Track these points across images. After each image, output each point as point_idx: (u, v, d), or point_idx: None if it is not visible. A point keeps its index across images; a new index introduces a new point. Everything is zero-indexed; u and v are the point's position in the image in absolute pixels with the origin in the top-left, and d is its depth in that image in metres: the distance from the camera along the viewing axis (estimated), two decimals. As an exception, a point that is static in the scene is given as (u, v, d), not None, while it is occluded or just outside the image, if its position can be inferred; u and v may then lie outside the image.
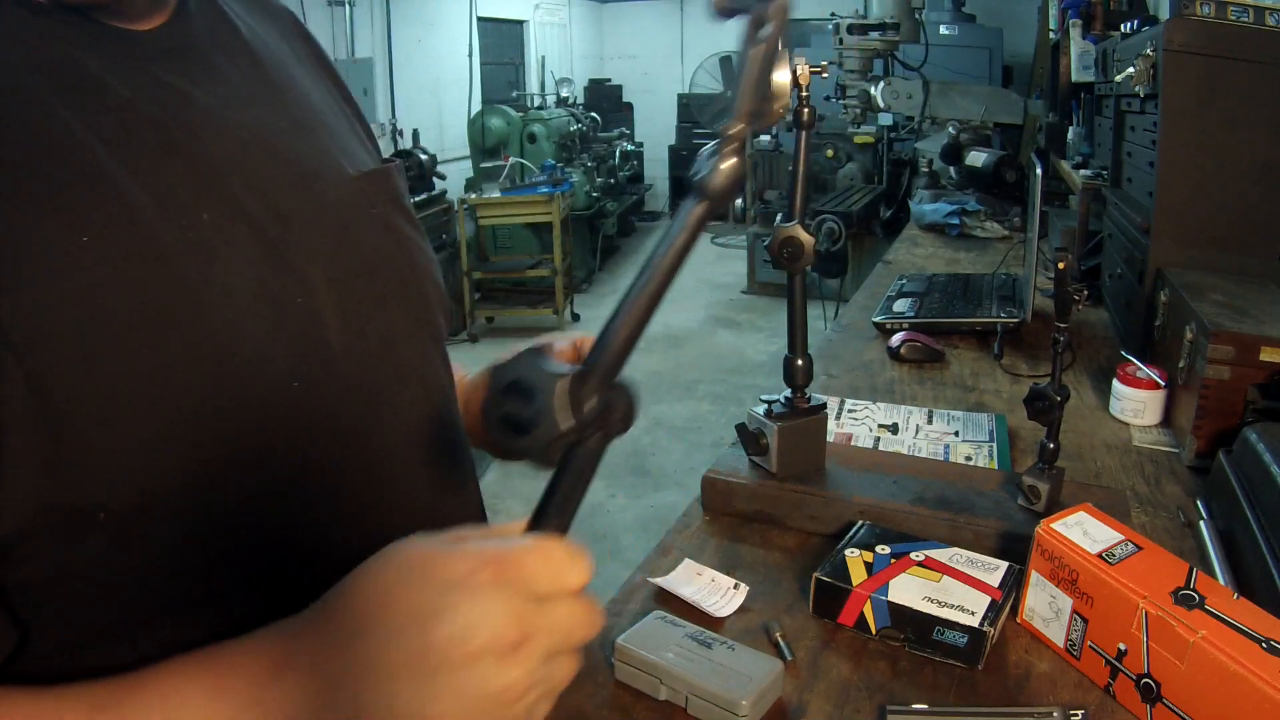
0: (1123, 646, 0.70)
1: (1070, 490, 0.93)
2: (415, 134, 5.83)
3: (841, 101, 3.05)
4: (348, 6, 5.77)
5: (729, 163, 0.42)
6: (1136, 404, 1.27)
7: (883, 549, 0.85)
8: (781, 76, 0.93)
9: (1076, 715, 0.69)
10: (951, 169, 3.26)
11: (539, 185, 5.61)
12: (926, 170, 3.64)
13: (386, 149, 5.87)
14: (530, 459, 0.40)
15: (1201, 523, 0.97)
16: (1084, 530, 0.77)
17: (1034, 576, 0.79)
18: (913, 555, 0.84)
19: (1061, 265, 0.88)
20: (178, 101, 0.50)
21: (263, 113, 0.56)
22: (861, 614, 0.80)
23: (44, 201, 0.42)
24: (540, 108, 7.06)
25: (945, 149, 3.21)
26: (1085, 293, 1.02)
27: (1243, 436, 0.98)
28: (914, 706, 0.70)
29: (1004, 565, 0.83)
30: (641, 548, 3.18)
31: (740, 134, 0.42)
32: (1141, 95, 1.47)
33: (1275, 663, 0.60)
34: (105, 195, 0.44)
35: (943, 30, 5.35)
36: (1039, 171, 1.65)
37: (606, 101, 8.83)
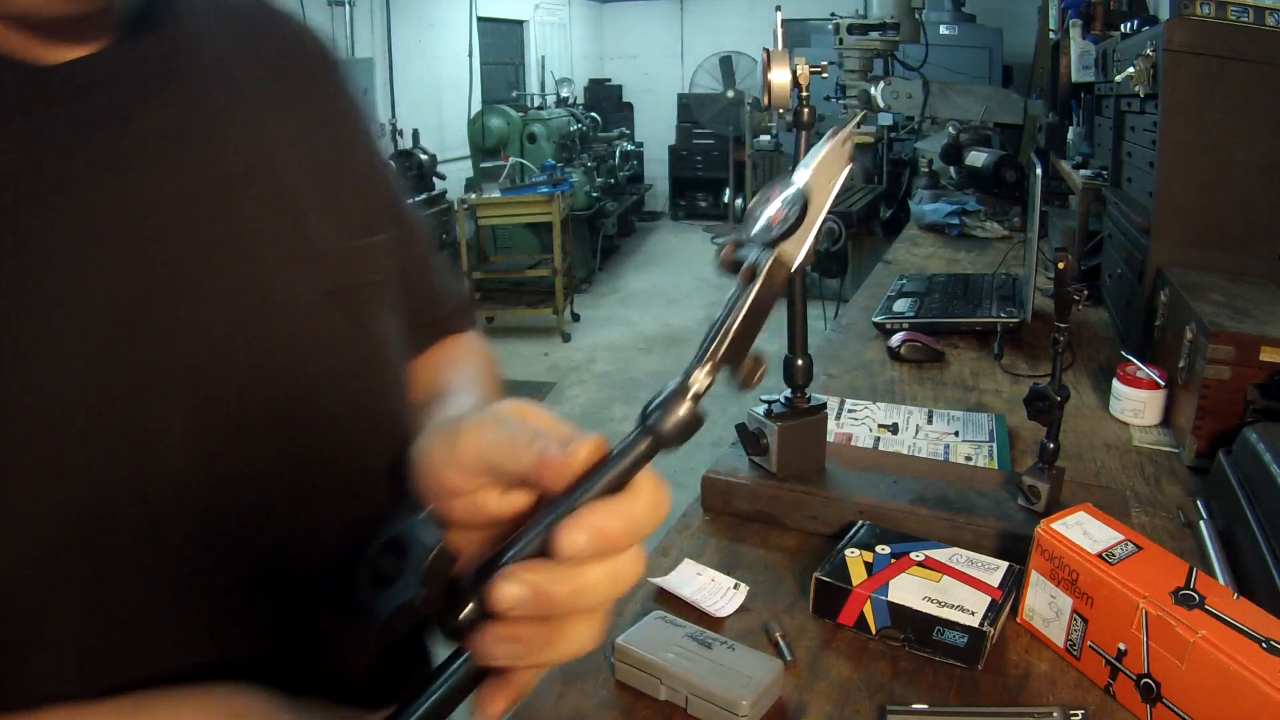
0: (1123, 646, 0.70)
1: (1070, 490, 0.93)
2: (415, 134, 5.83)
3: (841, 101, 3.05)
4: (348, 6, 5.77)
5: (682, 411, 0.37)
6: (1136, 404, 1.27)
7: (883, 549, 0.85)
8: (781, 77, 0.93)
9: (1076, 715, 0.69)
10: (951, 169, 3.26)
11: (539, 185, 5.61)
12: (926, 170, 3.64)
13: (386, 149, 5.85)
14: (376, 620, 0.37)
15: (1201, 523, 0.97)
16: (1084, 530, 0.77)
17: (1034, 576, 0.79)
18: (913, 555, 0.84)
19: (1061, 265, 0.88)
20: (50, 150, 0.43)
21: (172, 171, 0.47)
22: (861, 614, 0.80)
23: None
24: (540, 108, 7.06)
25: (945, 149, 3.21)
26: (1085, 293, 1.02)
27: (1243, 436, 0.98)
28: (914, 706, 0.70)
29: (1004, 565, 0.83)
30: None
31: (704, 386, 0.37)
32: (1141, 95, 1.47)
33: (1275, 663, 0.61)
34: None
35: (943, 30, 5.36)
36: (1039, 171, 1.65)
37: (606, 101, 8.83)
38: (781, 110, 0.92)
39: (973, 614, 0.76)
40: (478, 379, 0.67)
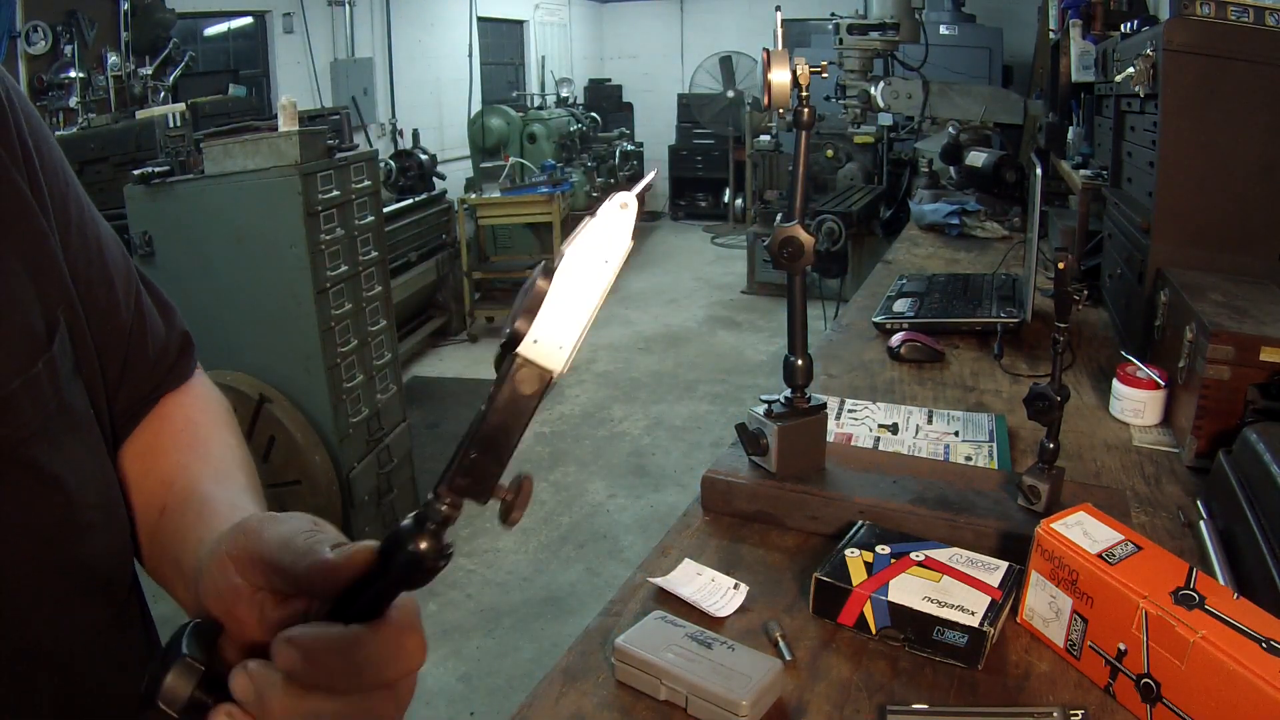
0: (1123, 646, 0.70)
1: (1070, 490, 0.93)
2: (415, 134, 5.83)
3: (841, 101, 3.05)
4: (348, 6, 5.77)
5: (425, 545, 0.35)
6: (1136, 404, 1.26)
7: (883, 549, 0.85)
8: (781, 77, 0.93)
9: (1076, 715, 0.69)
10: (951, 169, 3.26)
11: (539, 185, 5.62)
12: (926, 170, 3.64)
13: (386, 149, 5.88)
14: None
15: (1201, 523, 0.97)
16: (1084, 530, 0.77)
17: (1034, 576, 0.79)
18: (913, 555, 0.84)
19: (1061, 265, 0.88)
20: None
21: None
22: (861, 614, 0.80)
23: None
24: (540, 108, 7.07)
25: (945, 149, 3.21)
26: (1085, 293, 1.02)
27: (1243, 436, 0.98)
28: (914, 706, 0.70)
29: (1004, 565, 0.83)
30: (641, 548, 3.18)
31: (451, 513, 0.34)
32: (1141, 95, 1.47)
33: (1275, 663, 0.60)
34: None
35: (943, 30, 5.36)
36: (1039, 171, 1.65)
37: (606, 101, 8.83)
38: (781, 110, 0.92)
39: (973, 614, 0.76)
40: (231, 462, 0.62)
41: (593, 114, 7.55)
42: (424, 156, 5.58)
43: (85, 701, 0.54)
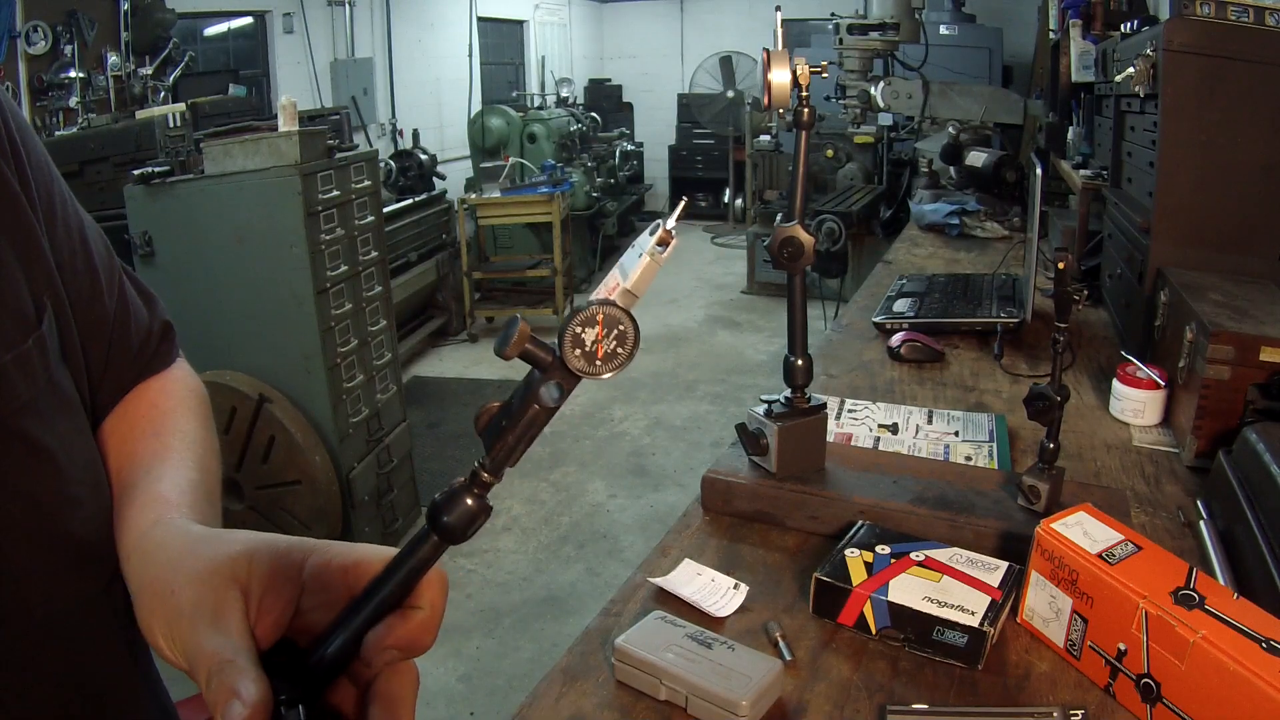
0: (1123, 646, 0.70)
1: (1070, 490, 0.93)
2: (415, 134, 5.83)
3: (841, 101, 3.05)
4: (348, 6, 5.77)
5: (469, 504, 0.39)
6: (1136, 404, 1.27)
7: (883, 549, 0.85)
8: (781, 77, 0.92)
9: (1076, 715, 0.69)
10: (951, 169, 3.26)
11: (539, 185, 5.61)
12: (926, 170, 3.64)
13: (386, 149, 5.88)
14: None
15: (1201, 523, 0.97)
16: (1084, 530, 0.77)
17: (1034, 576, 0.79)
18: (913, 555, 0.84)
19: (1061, 265, 0.88)
20: None
21: None
22: (861, 614, 0.80)
23: None
24: (540, 108, 7.06)
25: (945, 149, 3.21)
26: (1085, 293, 1.02)
27: (1243, 436, 0.98)
28: (914, 706, 0.70)
29: (1004, 565, 0.83)
30: (641, 548, 3.18)
31: (495, 481, 0.40)
32: (1141, 95, 1.47)
33: (1275, 663, 0.61)
34: None
35: (943, 30, 5.36)
36: (1039, 171, 1.65)
37: (606, 101, 8.83)
38: (781, 110, 0.92)
39: (973, 614, 0.76)
40: (177, 448, 0.62)
41: (593, 114, 7.54)
42: (424, 156, 5.58)
43: (77, 674, 0.55)
